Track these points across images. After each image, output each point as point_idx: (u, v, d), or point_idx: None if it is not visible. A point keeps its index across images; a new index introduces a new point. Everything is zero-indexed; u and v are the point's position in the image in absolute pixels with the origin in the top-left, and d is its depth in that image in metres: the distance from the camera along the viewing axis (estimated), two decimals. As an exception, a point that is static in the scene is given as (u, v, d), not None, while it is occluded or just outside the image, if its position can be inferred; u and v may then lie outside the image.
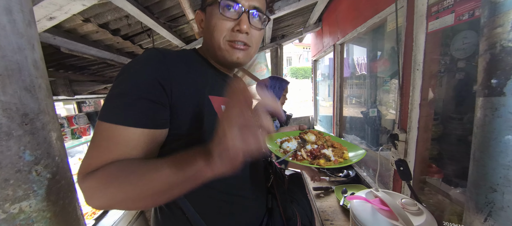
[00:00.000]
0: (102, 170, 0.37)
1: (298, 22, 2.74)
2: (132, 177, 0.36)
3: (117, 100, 0.40)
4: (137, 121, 0.39)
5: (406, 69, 1.08)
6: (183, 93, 0.43)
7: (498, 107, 0.33)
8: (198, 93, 0.46)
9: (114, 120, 0.38)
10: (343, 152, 0.51)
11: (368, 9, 1.49)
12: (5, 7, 0.50)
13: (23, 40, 0.53)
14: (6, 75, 0.49)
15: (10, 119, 0.49)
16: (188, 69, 0.47)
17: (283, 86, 1.50)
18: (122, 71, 0.43)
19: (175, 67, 0.44)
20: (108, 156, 0.38)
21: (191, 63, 0.50)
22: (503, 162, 0.33)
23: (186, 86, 0.44)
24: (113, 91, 0.41)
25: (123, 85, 0.40)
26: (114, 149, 0.38)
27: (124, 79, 0.41)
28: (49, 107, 0.59)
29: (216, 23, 0.47)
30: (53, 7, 0.85)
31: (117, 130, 0.38)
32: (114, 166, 0.37)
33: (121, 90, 0.40)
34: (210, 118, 0.46)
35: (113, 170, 0.37)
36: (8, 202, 0.49)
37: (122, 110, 0.39)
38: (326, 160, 0.47)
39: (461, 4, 0.80)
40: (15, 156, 0.50)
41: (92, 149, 0.39)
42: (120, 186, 0.36)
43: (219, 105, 0.49)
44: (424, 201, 1.11)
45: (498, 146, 0.34)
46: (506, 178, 0.33)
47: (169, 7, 1.38)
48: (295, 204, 0.59)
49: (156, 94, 0.40)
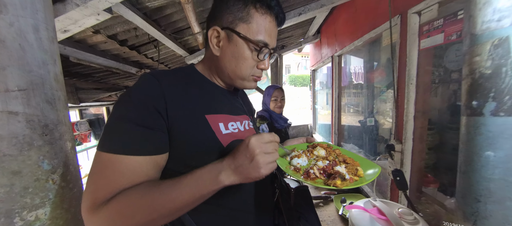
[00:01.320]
0: (114, 201, 0.37)
1: (297, 33, 2.84)
2: (148, 201, 0.37)
3: (116, 130, 0.40)
4: (138, 150, 0.39)
5: (401, 83, 1.14)
6: (179, 115, 0.44)
7: (478, 126, 0.38)
8: (195, 114, 0.47)
9: (116, 150, 0.38)
10: (357, 169, 0.48)
11: (365, 25, 1.57)
12: (33, 25, 0.54)
13: (47, 56, 0.57)
14: (31, 89, 0.52)
15: (32, 130, 0.52)
16: (185, 89, 0.48)
17: (270, 92, 1.55)
18: (120, 101, 0.43)
19: (171, 90, 0.44)
20: (114, 186, 0.38)
21: (188, 82, 0.50)
22: (485, 175, 0.38)
23: (182, 108, 0.45)
24: (112, 121, 0.41)
25: (121, 115, 0.41)
26: (120, 179, 0.38)
27: (121, 109, 0.42)
28: (65, 117, 0.62)
29: (246, 60, 0.49)
30: (69, 21, 0.91)
31: (120, 160, 0.38)
32: (126, 194, 0.38)
33: (120, 120, 0.40)
34: (208, 138, 0.47)
35: (126, 198, 0.37)
36: (26, 210, 0.52)
37: (122, 140, 0.39)
38: (341, 179, 0.44)
39: (450, 26, 0.87)
40: (34, 165, 0.53)
41: (96, 181, 0.39)
42: (138, 212, 0.36)
43: (217, 123, 0.49)
44: (421, 210, 1.14)
45: (480, 161, 0.38)
46: (488, 190, 0.37)
47: (176, 20, 1.44)
48: (303, 220, 0.57)
49: (154, 121, 0.41)
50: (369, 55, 2.01)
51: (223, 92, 0.57)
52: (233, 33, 0.48)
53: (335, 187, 0.41)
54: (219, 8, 0.50)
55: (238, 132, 0.53)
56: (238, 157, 0.39)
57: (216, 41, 0.50)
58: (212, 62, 0.54)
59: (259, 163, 0.38)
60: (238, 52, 0.49)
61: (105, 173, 0.38)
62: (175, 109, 0.43)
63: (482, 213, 0.39)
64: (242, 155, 0.39)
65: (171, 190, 0.38)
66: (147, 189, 0.38)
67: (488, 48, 0.37)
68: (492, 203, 0.38)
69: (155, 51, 1.72)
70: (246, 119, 0.60)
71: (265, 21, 0.49)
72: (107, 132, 0.40)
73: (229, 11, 0.48)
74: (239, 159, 0.39)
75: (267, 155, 0.39)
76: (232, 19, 0.48)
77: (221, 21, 0.49)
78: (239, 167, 0.38)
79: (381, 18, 1.33)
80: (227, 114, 0.53)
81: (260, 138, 0.39)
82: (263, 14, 0.48)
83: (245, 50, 0.49)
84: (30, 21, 0.53)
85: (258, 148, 0.38)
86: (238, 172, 0.38)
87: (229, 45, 0.49)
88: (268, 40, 0.49)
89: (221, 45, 0.50)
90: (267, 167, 0.39)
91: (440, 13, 0.93)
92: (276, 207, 0.58)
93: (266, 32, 0.49)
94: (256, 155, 0.38)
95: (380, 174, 1.48)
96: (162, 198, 0.37)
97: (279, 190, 0.60)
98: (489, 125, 0.37)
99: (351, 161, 0.51)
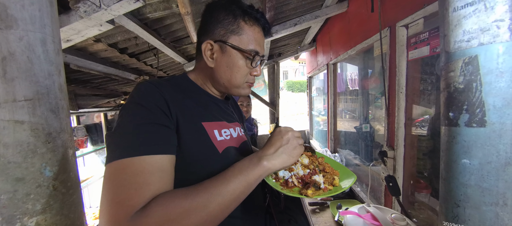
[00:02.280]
0: (156, 206, 0.34)
1: (294, 42, 2.92)
2: (194, 200, 0.35)
3: (133, 134, 0.38)
4: (162, 148, 0.39)
5: (391, 91, 1.19)
6: (180, 121, 0.44)
7: (455, 135, 0.41)
8: (193, 121, 0.48)
9: (140, 152, 0.37)
10: (333, 178, 0.50)
11: (357, 35, 1.64)
12: (41, 39, 0.57)
13: (53, 67, 0.60)
14: (36, 98, 0.55)
15: (36, 138, 0.54)
16: (183, 97, 0.49)
17: (237, 98, 1.62)
18: (124, 109, 0.43)
19: (170, 96, 0.45)
20: (148, 189, 0.35)
21: (183, 91, 0.52)
22: (463, 181, 0.41)
23: (181, 115, 0.45)
24: (124, 128, 0.40)
25: (135, 119, 0.40)
26: (152, 180, 0.36)
27: (133, 114, 0.41)
28: (68, 125, 0.65)
29: (240, 69, 0.52)
30: (72, 32, 0.94)
31: (146, 161, 0.37)
32: (167, 197, 0.35)
33: (135, 123, 0.39)
34: (205, 144, 0.48)
35: (168, 200, 0.35)
36: (26, 216, 0.53)
37: (145, 141, 0.38)
38: (316, 188, 0.45)
39: (434, 39, 0.93)
40: (37, 172, 0.54)
41: (125, 189, 0.35)
42: (185, 213, 0.34)
43: (212, 130, 0.50)
44: (414, 216, 1.16)
45: (457, 168, 0.41)
46: (466, 195, 0.40)
47: (175, 29, 1.49)
48: (292, 223, 0.58)
49: (167, 120, 0.42)
50: (363, 63, 2.07)
51: (216, 101, 0.59)
52: (226, 45, 0.51)
53: (306, 196, 0.43)
54: (210, 23, 0.53)
55: (231, 138, 0.56)
56: (274, 143, 0.45)
57: (210, 54, 0.53)
58: (205, 73, 0.57)
59: (294, 143, 0.45)
60: (232, 62, 0.52)
61: (132, 179, 0.36)
62: (176, 114, 0.45)
63: (462, 218, 0.41)
64: (277, 139, 0.45)
65: (216, 184, 0.38)
66: (189, 189, 0.37)
67: (460, 65, 0.41)
68: (470, 208, 0.41)
69: (154, 58, 1.75)
70: (237, 126, 0.63)
71: (254, 32, 0.53)
72: (121, 140, 0.39)
73: (221, 26, 0.51)
74: (276, 144, 0.44)
75: (297, 138, 0.46)
76: (224, 32, 0.51)
77: (213, 34, 0.52)
78: (279, 148, 0.44)
79: (372, 29, 1.39)
80: (221, 121, 0.56)
81: (285, 127, 0.47)
82: (252, 25, 0.53)
83: (239, 59, 0.52)
84: (39, 35, 0.56)
85: (290, 132, 0.45)
86: (279, 153, 0.43)
87: (223, 56, 0.52)
88: (258, 48, 0.53)
89: (215, 57, 0.53)
90: (300, 147, 0.47)
91: (425, 26, 0.99)
92: (266, 212, 0.60)
93: (256, 41, 0.53)
94: (290, 137, 0.45)
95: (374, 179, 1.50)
96: (209, 193, 0.36)
97: (269, 195, 0.62)
98: (464, 134, 0.40)
99: (330, 170, 0.53)
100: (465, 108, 0.40)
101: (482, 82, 0.38)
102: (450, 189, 0.43)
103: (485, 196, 0.39)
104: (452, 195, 0.43)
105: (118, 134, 0.40)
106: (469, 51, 0.40)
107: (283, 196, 0.64)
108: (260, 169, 0.41)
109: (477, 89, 0.39)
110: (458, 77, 0.41)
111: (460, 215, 0.42)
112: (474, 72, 0.39)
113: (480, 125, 0.38)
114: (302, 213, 0.64)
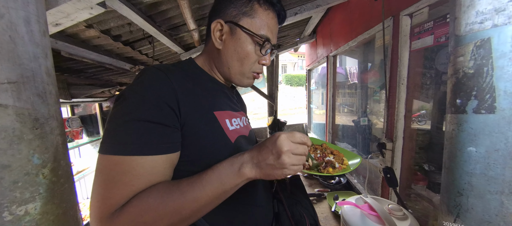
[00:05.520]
0: (131, 206, 0.34)
1: (293, 33, 2.86)
2: (169, 203, 0.34)
3: (128, 129, 0.36)
4: (155, 148, 0.36)
5: (392, 83, 1.17)
6: (189, 113, 0.42)
7: (462, 123, 0.40)
8: (204, 110, 0.45)
9: (131, 151, 0.35)
10: (342, 159, 0.54)
11: (360, 26, 1.60)
12: (24, 18, 0.53)
13: (39, 49, 0.56)
14: (21, 82, 0.51)
15: (22, 124, 0.51)
16: (193, 85, 0.46)
17: None
18: (125, 96, 0.39)
19: (181, 85, 0.42)
20: (130, 190, 0.35)
21: (194, 77, 0.49)
22: (467, 170, 0.40)
23: (192, 105, 0.43)
24: (119, 119, 0.37)
25: (131, 113, 0.37)
26: (136, 182, 0.35)
27: (130, 106, 0.37)
28: (57, 112, 0.62)
29: (248, 55, 0.49)
30: (61, 15, 0.89)
31: (136, 161, 0.35)
32: (143, 197, 0.35)
33: (130, 118, 0.36)
34: (217, 134, 0.46)
35: (143, 202, 0.34)
36: (15, 204, 0.51)
37: (137, 140, 0.35)
38: (332, 167, 0.49)
39: (439, 28, 0.90)
40: (24, 159, 0.52)
41: (108, 187, 0.35)
42: (159, 216, 0.34)
43: (224, 120, 0.48)
44: (410, 206, 1.18)
45: (462, 156, 0.40)
46: (470, 184, 0.39)
47: (171, 16, 1.43)
48: (299, 205, 0.59)
49: (169, 118, 0.38)
50: (363, 56, 2.04)
51: (223, 88, 0.56)
52: (237, 27, 0.48)
53: (329, 173, 0.46)
54: (223, 2, 0.50)
55: (240, 128, 0.54)
56: (264, 152, 0.37)
57: (219, 35, 0.49)
58: (212, 56, 0.53)
59: (284, 163, 0.35)
60: (241, 46, 0.49)
61: (118, 177, 0.34)
62: (186, 105, 0.41)
63: (464, 206, 0.40)
64: (268, 150, 0.36)
65: (193, 188, 0.36)
66: (166, 190, 0.36)
67: (471, 49, 0.39)
68: (473, 197, 0.40)
69: (149, 47, 1.70)
70: (243, 116, 0.61)
71: (268, 17, 0.49)
72: (115, 133, 0.36)
73: (233, 6, 0.48)
74: (264, 154, 0.37)
75: (295, 156, 0.36)
76: (236, 13, 0.48)
77: (225, 15, 0.49)
78: (262, 162, 0.37)
79: (374, 19, 1.35)
80: (229, 111, 0.54)
81: (291, 136, 0.37)
82: (266, 10, 0.49)
83: (248, 44, 0.49)
84: (21, 13, 0.52)
85: (286, 147, 0.35)
86: (260, 167, 0.37)
87: (232, 39, 0.49)
88: (270, 35, 0.50)
89: (224, 39, 0.49)
90: (291, 168, 0.36)
91: (430, 16, 0.96)
92: (274, 197, 0.60)
93: (269, 27, 0.49)
94: (283, 154, 0.35)
95: (372, 171, 1.51)
96: (184, 198, 0.35)
97: (276, 181, 0.63)
98: (471, 122, 0.39)
99: (337, 153, 0.58)
100: (474, 94, 0.38)
101: (494, 67, 0.36)
102: (453, 178, 0.42)
103: (490, 185, 0.38)
104: (455, 184, 0.42)
105: (114, 125, 0.38)
106: (482, 33, 0.37)
107: (288, 181, 0.65)
108: (239, 178, 0.37)
109: (488, 73, 0.37)
110: (468, 61, 0.39)
111: (462, 204, 0.41)
112: (485, 56, 0.37)
113: (489, 111, 0.37)
114: (306, 196, 0.65)
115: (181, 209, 0.35)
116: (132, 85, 0.41)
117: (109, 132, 0.38)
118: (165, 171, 0.39)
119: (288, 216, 0.54)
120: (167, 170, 0.39)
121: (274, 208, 0.57)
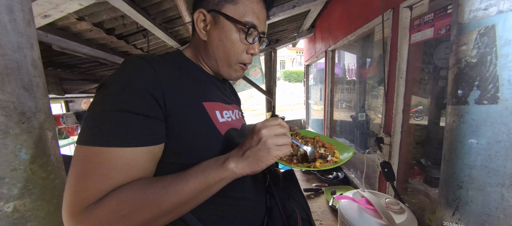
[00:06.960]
0: (108, 199, 0.32)
1: (292, 27, 2.82)
2: (149, 196, 0.33)
3: (107, 119, 0.34)
4: (134, 140, 0.35)
5: (391, 77, 1.16)
6: (176, 103, 0.40)
7: (463, 114, 0.38)
8: (192, 101, 0.44)
9: (109, 142, 0.33)
10: (334, 152, 0.52)
11: (359, 19, 1.58)
12: (6, 6, 0.50)
13: (23, 39, 0.53)
14: (5, 73, 0.49)
15: (7, 118, 0.49)
16: (181, 74, 0.44)
17: None
18: (106, 86, 0.37)
19: (166, 74, 0.41)
20: (108, 183, 0.33)
21: (182, 68, 0.47)
22: (468, 162, 0.39)
23: (179, 95, 0.41)
24: (99, 108, 0.35)
25: (110, 102, 0.35)
26: (114, 175, 0.33)
27: (110, 95, 0.36)
28: (45, 106, 0.59)
29: (234, 44, 0.47)
30: (49, 5, 0.85)
31: (114, 153, 0.33)
32: (122, 190, 0.33)
33: (110, 108, 0.35)
34: (206, 126, 0.44)
35: (122, 195, 0.33)
36: (2, 201, 0.49)
37: (116, 131, 0.34)
38: (323, 160, 0.47)
39: (439, 20, 0.89)
40: (11, 154, 0.50)
41: (84, 179, 0.32)
42: (138, 209, 0.32)
43: (214, 111, 0.47)
44: (407, 200, 1.18)
45: (463, 148, 0.39)
46: (470, 176, 0.38)
47: (166, 8, 1.39)
48: (291, 200, 0.58)
49: (151, 108, 0.37)
50: (361, 51, 2.03)
51: (214, 80, 0.54)
52: (220, 15, 0.45)
53: (315, 168, 0.44)
54: None
55: (232, 121, 0.52)
56: (246, 142, 0.38)
57: (203, 25, 0.47)
58: (199, 48, 0.51)
59: (267, 143, 0.36)
60: (225, 35, 0.46)
61: (95, 169, 0.33)
62: (172, 96, 0.40)
63: (464, 199, 0.40)
64: (249, 138, 0.38)
65: (176, 181, 0.35)
66: (147, 183, 0.35)
67: (474, 37, 0.38)
68: (473, 189, 0.39)
69: (144, 41, 1.66)
70: (236, 109, 0.59)
71: (252, 2, 0.46)
72: (94, 123, 0.35)
73: None
74: (247, 144, 0.38)
75: (277, 137, 0.37)
76: (218, 1, 0.45)
77: (207, 3, 0.47)
78: (247, 151, 0.37)
79: (374, 12, 1.33)
80: (220, 102, 0.51)
81: (266, 121, 0.39)
82: None
83: (233, 33, 0.46)
84: (3, 1, 0.49)
85: (265, 128, 0.37)
86: (246, 156, 0.37)
87: (216, 29, 0.46)
88: (256, 22, 0.47)
89: (208, 29, 0.47)
90: (279, 149, 0.37)
91: (430, 7, 0.94)
92: (267, 191, 0.59)
93: (254, 13, 0.46)
94: (264, 136, 0.37)
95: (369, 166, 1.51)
96: (165, 191, 0.34)
97: (269, 175, 0.61)
98: (473, 113, 0.38)
99: (329, 146, 0.56)
100: (476, 84, 0.37)
101: (498, 55, 0.35)
102: (453, 171, 0.41)
103: (491, 177, 0.37)
104: (454, 176, 0.41)
105: (92, 114, 0.36)
106: (486, 20, 0.36)
107: (281, 176, 0.64)
108: (224, 172, 0.36)
109: (492, 62, 0.35)
110: (471, 50, 0.37)
111: (462, 197, 0.40)
112: (489, 44, 0.35)
113: (491, 101, 0.35)
114: (299, 190, 0.65)
115: (161, 202, 0.33)
116: (114, 74, 0.39)
117: (87, 122, 0.36)
118: (146, 165, 0.37)
119: (280, 211, 0.54)
120: (148, 163, 0.37)
121: (266, 203, 0.56)
